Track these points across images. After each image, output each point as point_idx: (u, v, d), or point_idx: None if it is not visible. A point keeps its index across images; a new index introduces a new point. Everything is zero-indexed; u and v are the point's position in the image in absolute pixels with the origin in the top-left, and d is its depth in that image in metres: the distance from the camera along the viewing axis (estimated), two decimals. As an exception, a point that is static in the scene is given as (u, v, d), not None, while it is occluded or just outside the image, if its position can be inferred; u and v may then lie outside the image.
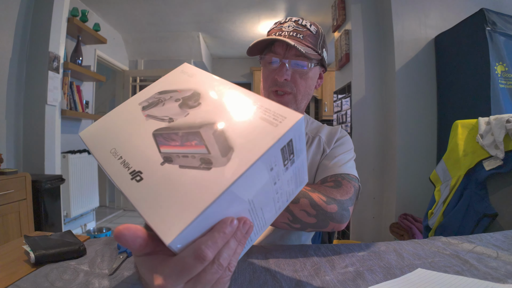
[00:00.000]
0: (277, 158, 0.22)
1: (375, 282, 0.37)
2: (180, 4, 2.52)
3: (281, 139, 0.21)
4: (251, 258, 0.45)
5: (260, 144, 0.21)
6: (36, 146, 1.70)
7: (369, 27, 1.93)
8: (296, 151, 0.24)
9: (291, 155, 0.24)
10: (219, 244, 0.20)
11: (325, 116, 3.76)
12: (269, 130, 0.22)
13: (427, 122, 1.76)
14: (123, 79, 3.26)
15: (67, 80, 1.97)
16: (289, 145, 0.23)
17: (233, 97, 0.28)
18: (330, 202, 0.47)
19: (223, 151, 0.22)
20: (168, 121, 0.27)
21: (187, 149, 0.24)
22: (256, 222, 0.25)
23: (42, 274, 0.39)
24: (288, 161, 0.24)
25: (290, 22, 0.57)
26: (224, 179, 0.20)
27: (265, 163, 0.21)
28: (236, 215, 0.22)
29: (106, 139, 0.29)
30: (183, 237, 0.19)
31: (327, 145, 0.63)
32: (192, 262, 0.19)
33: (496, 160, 0.93)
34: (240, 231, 0.22)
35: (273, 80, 0.56)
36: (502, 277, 0.38)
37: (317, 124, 0.70)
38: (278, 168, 0.23)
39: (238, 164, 0.20)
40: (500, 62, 1.40)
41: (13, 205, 1.30)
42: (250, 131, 0.22)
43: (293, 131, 0.22)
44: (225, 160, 0.21)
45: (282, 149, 0.22)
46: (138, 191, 0.22)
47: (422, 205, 1.49)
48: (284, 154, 0.23)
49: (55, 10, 1.74)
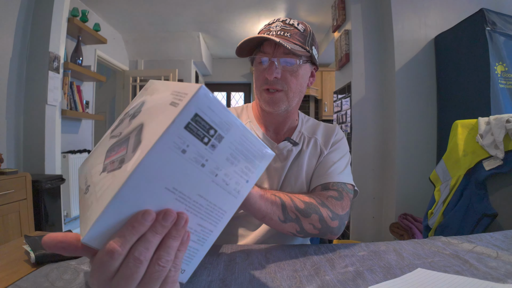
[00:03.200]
0: (186, 138, 0.21)
1: (375, 282, 0.37)
2: (180, 4, 2.52)
3: (179, 118, 0.20)
4: (251, 258, 0.45)
5: (159, 129, 0.20)
6: (37, 146, 1.70)
7: (369, 27, 1.93)
8: (216, 125, 0.22)
9: (210, 131, 0.22)
10: (127, 238, 0.20)
11: (325, 116, 3.76)
12: (171, 113, 0.21)
13: (427, 122, 1.76)
14: (123, 79, 3.26)
15: (67, 80, 1.98)
16: (198, 121, 0.21)
17: (161, 94, 0.27)
18: (334, 218, 0.51)
19: (135, 147, 0.22)
20: (118, 136, 0.28)
21: (116, 156, 0.25)
22: (198, 210, 0.24)
23: (42, 274, 0.39)
24: (209, 137, 0.22)
25: (278, 22, 0.59)
26: (125, 172, 0.20)
27: (169, 147, 0.20)
28: (160, 206, 0.21)
29: (85, 166, 0.34)
30: (96, 233, 0.20)
31: (324, 146, 0.64)
32: (104, 258, 0.20)
33: (496, 160, 0.93)
34: (161, 223, 0.21)
35: (263, 79, 0.58)
36: (502, 277, 0.38)
37: (313, 122, 0.69)
38: (196, 148, 0.21)
39: (139, 155, 0.20)
40: (500, 62, 1.40)
41: (13, 205, 1.30)
42: (159, 120, 0.22)
43: (195, 105, 0.20)
44: (133, 154, 0.21)
45: (188, 126, 0.20)
46: (82, 202, 0.25)
47: (422, 205, 1.49)
48: (195, 132, 0.21)
49: (55, 10, 1.74)
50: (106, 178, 0.23)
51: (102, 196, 0.21)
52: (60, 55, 1.83)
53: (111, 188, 0.20)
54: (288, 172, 0.61)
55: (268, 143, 0.63)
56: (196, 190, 0.23)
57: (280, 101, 0.58)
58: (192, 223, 0.24)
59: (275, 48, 0.56)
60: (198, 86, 0.20)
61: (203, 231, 0.25)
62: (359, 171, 1.92)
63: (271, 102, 0.58)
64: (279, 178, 0.61)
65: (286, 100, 0.59)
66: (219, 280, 0.38)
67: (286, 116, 0.63)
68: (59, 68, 1.82)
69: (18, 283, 0.36)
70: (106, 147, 0.30)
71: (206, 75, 4.26)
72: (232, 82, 4.34)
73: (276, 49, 0.56)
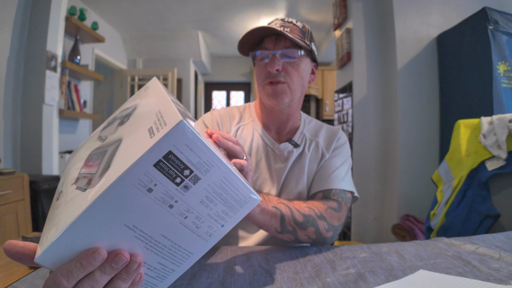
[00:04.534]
0: (155, 177, 0.19)
1: (376, 284, 0.36)
2: (179, 2, 2.51)
3: (149, 155, 0.18)
4: (251, 260, 0.45)
5: (127, 162, 0.18)
6: (34, 146, 1.69)
7: (371, 26, 1.92)
8: (194, 165, 0.19)
9: (184, 171, 0.19)
10: (74, 274, 0.20)
11: (326, 116, 3.75)
12: (144, 143, 0.18)
13: (429, 122, 1.76)
14: (122, 78, 3.25)
15: (65, 80, 1.96)
16: (171, 159, 0.18)
17: (150, 106, 0.25)
18: (329, 230, 0.53)
19: (103, 170, 0.20)
20: (103, 140, 0.27)
21: (89, 169, 0.23)
22: (160, 250, 0.22)
23: (40, 275, 0.39)
24: (182, 178, 0.19)
25: (277, 20, 0.61)
26: (85, 201, 0.19)
27: (132, 183, 0.18)
28: (117, 242, 0.20)
29: (71, 159, 0.32)
30: (49, 256, 0.19)
31: (326, 150, 0.63)
32: (52, 285, 0.20)
33: (498, 160, 0.93)
34: (110, 265, 0.20)
35: (265, 73, 0.58)
36: (505, 278, 0.37)
37: (315, 124, 0.69)
38: (165, 188, 0.19)
39: (101, 186, 0.19)
40: (503, 61, 1.39)
41: (10, 206, 1.29)
42: (133, 145, 0.20)
43: (170, 141, 0.18)
44: (99, 180, 0.20)
45: (158, 164, 0.18)
46: (51, 211, 0.24)
47: (424, 206, 1.49)
48: (166, 171, 0.19)
49: (53, 8, 1.73)
50: (73, 195, 0.22)
51: (62, 218, 0.20)
52: (58, 54, 1.81)
53: (70, 214, 0.19)
54: (289, 173, 0.61)
55: (269, 142, 0.63)
56: (160, 230, 0.21)
57: (283, 93, 0.58)
58: (152, 261, 0.22)
59: (275, 43, 0.57)
60: (178, 119, 0.18)
61: (164, 269, 0.23)
62: (361, 172, 1.91)
63: (274, 94, 0.58)
64: (279, 179, 0.61)
65: (289, 93, 0.59)
66: (218, 282, 0.37)
67: (288, 115, 0.63)
68: (57, 67, 1.81)
69: (16, 285, 0.36)
70: (91, 149, 0.28)
71: (205, 74, 4.25)
72: (231, 81, 4.33)
73: (276, 43, 0.57)
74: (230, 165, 0.22)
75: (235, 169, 0.23)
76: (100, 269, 0.20)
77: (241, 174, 0.24)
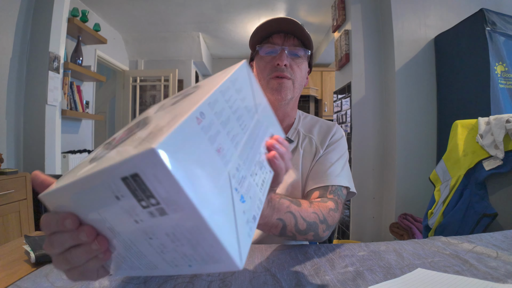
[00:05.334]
0: (121, 189, 0.17)
1: (375, 282, 0.37)
2: (180, 4, 2.52)
3: (116, 166, 0.16)
4: (251, 258, 0.45)
5: (106, 163, 0.17)
6: (37, 146, 1.70)
7: (369, 27, 1.93)
8: (161, 198, 0.17)
9: (150, 199, 0.17)
10: (51, 225, 0.23)
11: (325, 116, 3.76)
12: (130, 150, 0.17)
13: (427, 122, 1.76)
14: (123, 79, 3.26)
15: (67, 80, 1.97)
16: (138, 181, 0.16)
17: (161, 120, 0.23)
18: (326, 230, 0.52)
19: (92, 160, 0.22)
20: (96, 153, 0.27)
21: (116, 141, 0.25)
22: (128, 249, 0.22)
23: (42, 274, 0.39)
24: (147, 203, 0.17)
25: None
26: (76, 176, 0.20)
27: (104, 184, 0.17)
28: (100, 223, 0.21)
29: None
30: (49, 199, 0.22)
31: (320, 145, 0.63)
32: (42, 223, 0.23)
33: (495, 160, 0.93)
34: (77, 235, 0.22)
35: (272, 66, 0.59)
36: (502, 277, 0.38)
37: (311, 119, 0.69)
38: (131, 204, 0.18)
39: (88, 170, 0.19)
40: (500, 62, 1.40)
41: (13, 205, 1.30)
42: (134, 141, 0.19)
43: (136, 165, 0.16)
44: (89, 165, 0.21)
45: (125, 180, 0.16)
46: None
47: (422, 205, 1.49)
48: (133, 189, 0.17)
49: (55, 10, 1.74)
50: (95, 155, 0.24)
51: (71, 175, 0.22)
52: (60, 55, 1.82)
53: (74, 175, 0.21)
54: None
55: None
56: (128, 235, 0.20)
57: (288, 88, 0.59)
58: (121, 250, 0.23)
59: (284, 39, 0.59)
60: (151, 146, 0.15)
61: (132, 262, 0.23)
62: (359, 171, 1.92)
63: (279, 88, 0.58)
64: None
65: (292, 89, 0.60)
66: (219, 280, 0.38)
67: (285, 113, 0.63)
68: (59, 68, 1.82)
69: (18, 283, 0.36)
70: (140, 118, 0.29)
71: (206, 75, 4.26)
72: (232, 82, 4.33)
73: (285, 40, 0.59)
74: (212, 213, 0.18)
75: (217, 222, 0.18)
76: (69, 233, 0.22)
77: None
